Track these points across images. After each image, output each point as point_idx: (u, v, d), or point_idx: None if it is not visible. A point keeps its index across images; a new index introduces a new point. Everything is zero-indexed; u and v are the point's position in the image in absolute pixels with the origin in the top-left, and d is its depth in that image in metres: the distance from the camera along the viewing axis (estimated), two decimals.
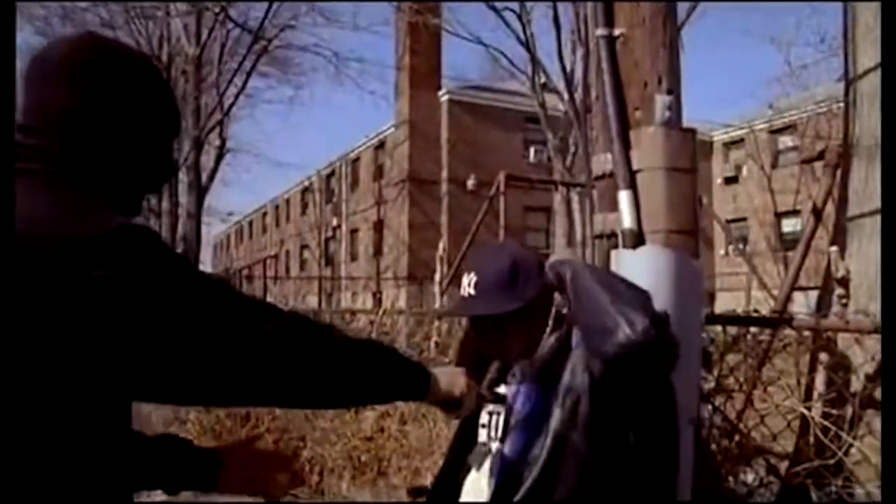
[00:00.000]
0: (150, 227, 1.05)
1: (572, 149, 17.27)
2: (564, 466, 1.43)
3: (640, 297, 1.50)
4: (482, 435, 1.60)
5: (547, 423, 1.45)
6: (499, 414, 1.56)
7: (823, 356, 2.63)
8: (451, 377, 1.35)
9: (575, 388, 1.46)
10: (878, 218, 2.60)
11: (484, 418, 1.60)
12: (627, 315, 1.41)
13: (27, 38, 19.55)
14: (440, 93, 24.26)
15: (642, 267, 1.97)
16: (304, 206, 35.04)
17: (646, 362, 1.43)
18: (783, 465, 2.58)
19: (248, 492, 1.44)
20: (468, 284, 1.60)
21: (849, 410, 2.44)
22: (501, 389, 1.61)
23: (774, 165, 25.48)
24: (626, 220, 2.06)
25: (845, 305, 2.63)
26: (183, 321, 0.96)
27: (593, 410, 1.44)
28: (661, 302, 1.92)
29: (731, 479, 2.60)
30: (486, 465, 1.56)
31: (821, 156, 3.15)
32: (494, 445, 1.54)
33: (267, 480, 1.43)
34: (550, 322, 1.58)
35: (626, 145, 2.12)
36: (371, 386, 1.18)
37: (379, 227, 26.59)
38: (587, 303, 1.48)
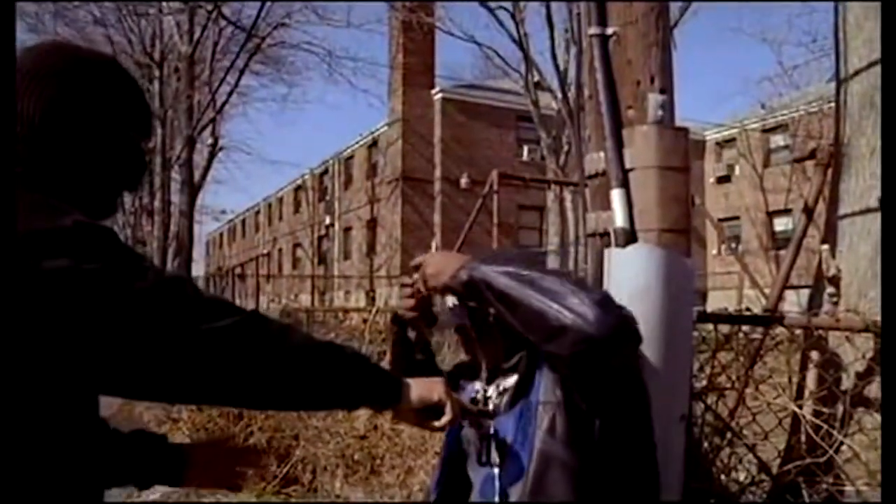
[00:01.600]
0: (107, 226, 1.06)
1: (565, 147, 17.33)
2: (554, 481, 1.39)
3: (573, 284, 1.35)
4: (472, 458, 1.57)
5: (531, 444, 1.42)
6: (489, 438, 1.51)
7: (814, 354, 2.64)
8: (427, 385, 1.28)
9: (549, 403, 1.43)
10: (868, 217, 2.61)
11: (470, 435, 1.57)
12: (573, 308, 1.28)
13: (19, 36, 19.43)
14: (433, 91, 24.26)
15: (634, 265, 1.97)
16: (298, 205, 34.98)
17: (611, 350, 1.33)
18: (775, 464, 2.59)
19: (215, 486, 1.47)
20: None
21: (840, 408, 2.45)
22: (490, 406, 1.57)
23: (766, 164, 25.61)
24: (619, 219, 2.06)
25: (836, 304, 2.65)
26: (133, 315, 0.96)
27: (571, 421, 1.41)
28: (652, 300, 1.92)
29: (722, 477, 2.61)
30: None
31: (812, 155, 3.15)
32: (495, 471, 1.49)
33: (235, 475, 1.45)
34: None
35: (618, 144, 2.12)
36: (328, 388, 1.14)
37: (372, 225, 26.58)
38: (520, 310, 1.34)
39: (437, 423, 1.30)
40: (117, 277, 0.96)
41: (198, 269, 30.78)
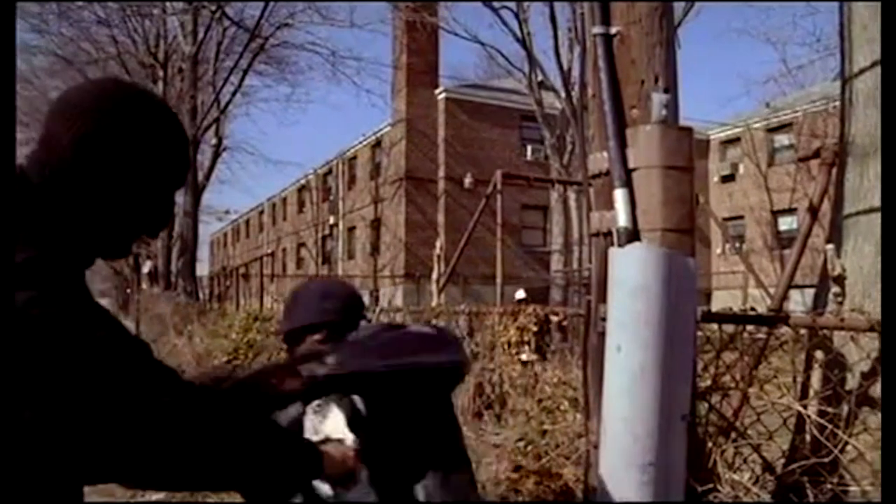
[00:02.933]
0: (68, 267, 1.06)
1: (569, 147, 17.32)
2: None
3: (409, 335, 1.54)
4: None
5: None
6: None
7: (819, 354, 2.64)
8: (341, 453, 1.32)
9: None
10: (873, 216, 2.60)
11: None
12: (434, 350, 1.49)
13: (23, 36, 19.54)
14: (437, 91, 24.25)
15: (632, 264, 1.97)
16: (301, 205, 35.00)
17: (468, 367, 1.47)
18: (779, 463, 2.58)
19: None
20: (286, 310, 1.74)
21: (844, 408, 2.44)
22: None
23: (771, 164, 25.53)
24: (621, 219, 2.06)
25: (841, 303, 2.64)
26: (60, 371, 0.95)
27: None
28: (650, 299, 1.92)
29: (726, 476, 2.61)
30: None
31: (817, 154, 3.15)
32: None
33: None
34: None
35: (622, 143, 2.12)
36: (255, 469, 1.15)
37: (376, 225, 26.58)
38: (390, 380, 1.48)
39: (350, 494, 1.35)
40: (56, 324, 0.96)
41: (202, 269, 30.85)
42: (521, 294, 10.91)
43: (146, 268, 22.93)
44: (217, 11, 18.10)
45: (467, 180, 22.81)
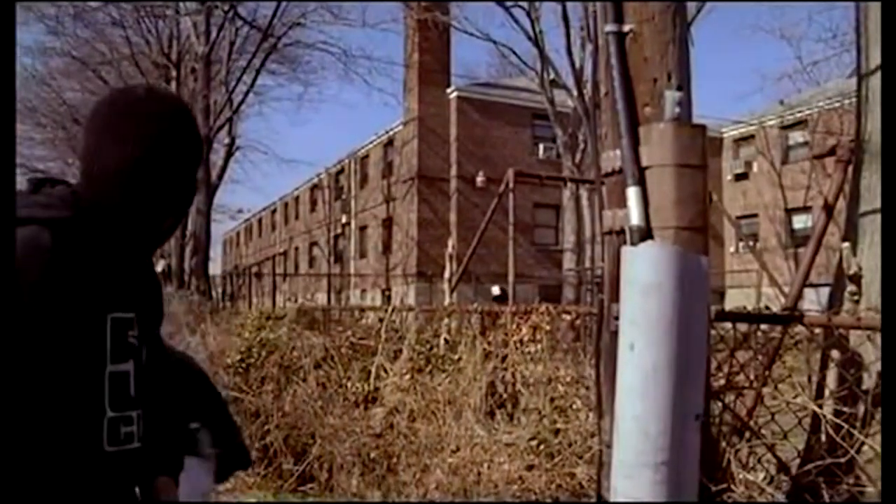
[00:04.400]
0: None
1: (581, 145, 17.29)
2: None
3: None
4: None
5: None
6: None
7: (835, 353, 2.61)
8: None
9: None
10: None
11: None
12: None
13: (39, 38, 19.72)
14: (449, 90, 24.25)
15: (645, 262, 1.96)
16: (314, 203, 35.11)
17: None
18: (794, 463, 2.56)
19: None
20: None
21: (861, 408, 2.42)
22: None
23: (785, 161, 25.35)
24: (634, 217, 2.05)
25: (857, 302, 2.61)
26: None
27: None
28: (663, 297, 1.91)
29: (740, 476, 2.59)
30: None
31: (832, 151, 3.12)
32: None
33: None
34: None
35: (634, 141, 2.11)
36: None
37: (388, 224, 26.62)
38: None
39: None
40: None
41: (215, 268, 31.03)
42: (496, 290, 10.79)
43: (159, 266, 23.06)
44: (230, 11, 18.20)
45: (479, 179, 22.80)
